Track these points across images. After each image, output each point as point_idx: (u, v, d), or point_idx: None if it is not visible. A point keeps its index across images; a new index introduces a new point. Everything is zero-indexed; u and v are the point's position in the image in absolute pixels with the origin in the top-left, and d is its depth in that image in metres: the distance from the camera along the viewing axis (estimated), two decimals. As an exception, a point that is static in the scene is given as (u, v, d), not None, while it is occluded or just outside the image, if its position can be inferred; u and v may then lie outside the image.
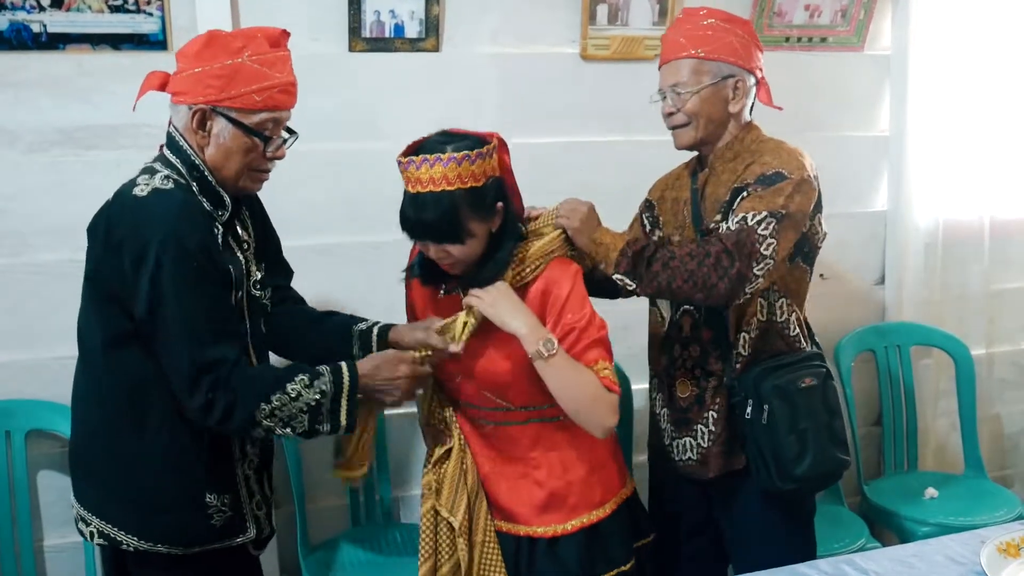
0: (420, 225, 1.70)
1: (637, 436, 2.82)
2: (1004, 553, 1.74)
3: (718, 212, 1.97)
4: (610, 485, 1.91)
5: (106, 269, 1.66)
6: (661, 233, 2.15)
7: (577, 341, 1.76)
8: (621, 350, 2.80)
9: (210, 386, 1.62)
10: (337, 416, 1.70)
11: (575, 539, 1.85)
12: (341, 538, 2.59)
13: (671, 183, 2.18)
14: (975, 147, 3.00)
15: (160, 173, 1.68)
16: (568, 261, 1.85)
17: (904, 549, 1.86)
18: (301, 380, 1.67)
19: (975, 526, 2.06)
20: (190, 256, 1.61)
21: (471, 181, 1.68)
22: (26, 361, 2.36)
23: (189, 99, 1.67)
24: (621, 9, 2.63)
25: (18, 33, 2.22)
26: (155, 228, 1.60)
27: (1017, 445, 3.30)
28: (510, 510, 1.87)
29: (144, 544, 1.74)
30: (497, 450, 1.88)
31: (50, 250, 2.34)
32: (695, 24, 2.00)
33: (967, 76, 2.94)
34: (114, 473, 1.75)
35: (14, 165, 2.30)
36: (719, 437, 2.02)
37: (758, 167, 1.94)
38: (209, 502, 1.75)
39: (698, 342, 2.04)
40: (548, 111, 2.67)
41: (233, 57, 1.65)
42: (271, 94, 1.68)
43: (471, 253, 1.74)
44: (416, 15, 2.47)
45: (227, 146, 1.69)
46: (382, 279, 1.91)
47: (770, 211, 1.85)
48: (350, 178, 2.50)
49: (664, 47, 2.05)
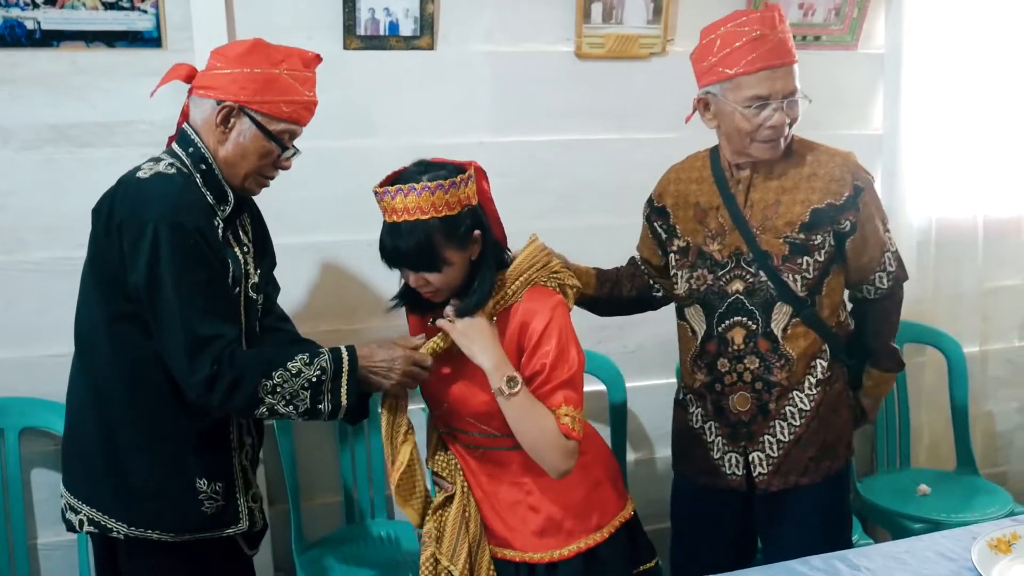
0: (396, 253, 1.72)
1: (630, 434, 2.83)
2: (995, 549, 1.75)
3: (796, 229, 1.94)
4: (607, 508, 1.88)
5: (107, 250, 1.69)
6: (681, 242, 2.08)
7: (546, 381, 1.74)
8: (616, 348, 2.84)
9: (212, 360, 1.63)
10: (338, 395, 1.72)
11: (573, 565, 1.82)
12: (336, 536, 2.60)
13: (684, 187, 2.10)
14: (969, 145, 3.01)
15: (165, 161, 1.73)
16: (549, 292, 1.82)
17: (896, 545, 1.87)
18: (301, 358, 1.70)
19: (967, 523, 2.07)
20: (187, 234, 1.64)
21: (445, 210, 1.69)
22: (20, 359, 2.36)
23: (220, 95, 1.74)
24: (616, 8, 2.64)
25: (12, 30, 2.22)
26: (154, 207, 1.64)
27: (1010, 442, 3.32)
28: (506, 537, 1.85)
29: (135, 531, 1.76)
30: (489, 475, 1.87)
31: (44, 247, 2.34)
32: (787, 26, 1.91)
33: (961, 75, 2.95)
34: (106, 459, 1.77)
35: (8, 162, 2.29)
36: (791, 447, 2.01)
37: (832, 184, 1.95)
38: (199, 487, 1.77)
39: (755, 354, 2.00)
40: (543, 109, 2.67)
41: (273, 67, 1.75)
42: (297, 108, 1.78)
43: (450, 282, 1.74)
44: (411, 13, 2.47)
45: (245, 146, 1.76)
46: (375, 276, 1.91)
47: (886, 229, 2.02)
48: (344, 175, 2.50)
49: (769, 48, 1.87)
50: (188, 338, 1.63)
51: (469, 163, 1.77)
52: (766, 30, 1.87)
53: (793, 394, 2.00)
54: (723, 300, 2.01)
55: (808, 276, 1.96)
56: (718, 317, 2.02)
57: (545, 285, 1.83)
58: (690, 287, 2.06)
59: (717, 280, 2.02)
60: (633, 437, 2.90)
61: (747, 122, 1.90)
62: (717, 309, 2.02)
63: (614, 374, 2.75)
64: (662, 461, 2.97)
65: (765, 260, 1.97)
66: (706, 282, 2.03)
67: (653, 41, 2.69)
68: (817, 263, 1.96)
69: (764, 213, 1.97)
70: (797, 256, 1.96)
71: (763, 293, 1.98)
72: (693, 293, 2.05)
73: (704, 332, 2.05)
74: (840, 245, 1.98)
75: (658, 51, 2.71)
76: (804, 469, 2.02)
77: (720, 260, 2.01)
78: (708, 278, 2.03)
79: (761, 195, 1.98)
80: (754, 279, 1.98)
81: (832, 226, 1.96)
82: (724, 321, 2.02)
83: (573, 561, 1.83)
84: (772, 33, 1.88)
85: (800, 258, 1.96)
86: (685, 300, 2.08)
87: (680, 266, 2.08)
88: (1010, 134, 3.07)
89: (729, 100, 1.91)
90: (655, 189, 2.19)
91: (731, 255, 2.00)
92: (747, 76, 1.88)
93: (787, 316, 1.97)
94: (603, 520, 1.87)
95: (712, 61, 1.92)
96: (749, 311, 1.99)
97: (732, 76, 1.88)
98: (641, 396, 2.86)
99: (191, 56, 2.32)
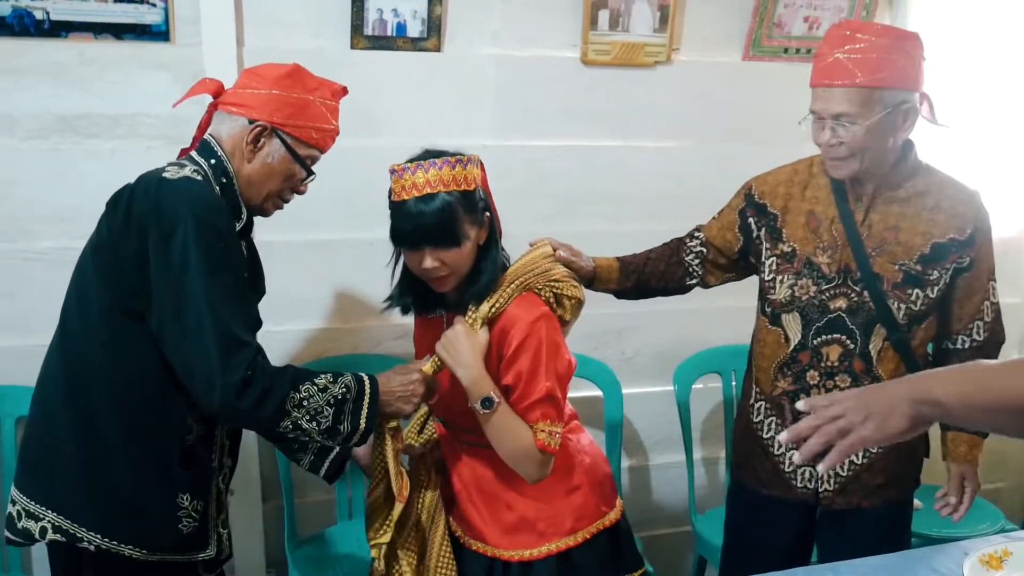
0: (419, 229, 1.70)
1: (626, 441, 2.84)
2: (987, 565, 1.75)
3: (914, 259, 1.93)
4: (585, 513, 1.88)
5: (121, 243, 1.64)
6: (787, 247, 2.03)
7: (521, 397, 1.75)
8: (614, 354, 2.85)
9: (246, 365, 1.59)
10: (358, 417, 1.71)
11: (547, 566, 1.83)
12: (328, 533, 2.60)
13: (797, 191, 2.04)
14: (970, 163, 3.00)
15: (189, 167, 1.71)
16: (537, 301, 1.80)
17: (887, 559, 1.87)
18: (325, 376, 1.69)
19: (958, 538, 2.07)
20: (220, 235, 1.64)
21: (464, 184, 1.71)
22: (18, 347, 2.35)
23: (254, 114, 1.74)
24: (622, 15, 2.65)
25: (20, 19, 2.22)
26: (185, 207, 1.61)
27: (1004, 460, 3.32)
28: (480, 529, 1.88)
29: (108, 543, 1.68)
30: (471, 467, 1.89)
31: (47, 237, 2.34)
32: (865, 43, 1.82)
33: (965, 90, 2.95)
34: (85, 463, 1.69)
35: (13, 151, 2.30)
36: (861, 471, 2.01)
37: (956, 219, 1.94)
38: (180, 503, 1.72)
39: (849, 373, 1.99)
40: (547, 114, 2.68)
41: (308, 93, 1.78)
42: (324, 136, 1.82)
43: (464, 261, 1.74)
44: (419, 14, 2.48)
45: (272, 166, 1.77)
46: (377, 276, 1.92)
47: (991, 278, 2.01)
48: (348, 175, 2.50)
49: (823, 67, 1.86)
50: (222, 339, 1.58)
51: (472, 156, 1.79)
52: (824, 48, 1.88)
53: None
54: (823, 314, 1.99)
55: (914, 308, 1.95)
56: (815, 330, 2.00)
57: (539, 293, 1.82)
58: (792, 294, 2.02)
59: (820, 293, 1.99)
60: (628, 444, 2.91)
61: (813, 133, 1.91)
62: (815, 322, 1.99)
63: (610, 381, 2.76)
64: (657, 468, 2.98)
65: (874, 283, 1.94)
66: (808, 292, 2.00)
67: (659, 50, 2.70)
68: (928, 299, 1.95)
69: (883, 236, 1.95)
70: (909, 286, 1.94)
71: (865, 314, 1.96)
72: (795, 301, 2.02)
73: (798, 341, 2.02)
74: (953, 283, 1.96)
75: (663, 60, 2.72)
76: (869, 493, 2.03)
77: (827, 274, 1.98)
78: (812, 289, 1.99)
79: (881, 217, 1.95)
80: (859, 298, 1.96)
81: (952, 264, 1.94)
82: (821, 335, 1.99)
83: (547, 562, 1.84)
84: (831, 53, 1.85)
85: (911, 289, 1.94)
86: (785, 307, 2.04)
87: (783, 271, 2.04)
88: (1011, 152, 3.07)
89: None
90: (756, 185, 2.11)
91: (839, 271, 1.97)
92: (813, 89, 1.90)
93: (881, 339, 1.96)
94: (579, 525, 1.87)
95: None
96: (850, 330, 1.97)
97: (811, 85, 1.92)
98: (637, 403, 2.86)
99: (198, 51, 2.34)
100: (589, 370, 2.73)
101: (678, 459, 2.86)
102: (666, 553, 2.99)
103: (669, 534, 3.04)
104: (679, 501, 2.96)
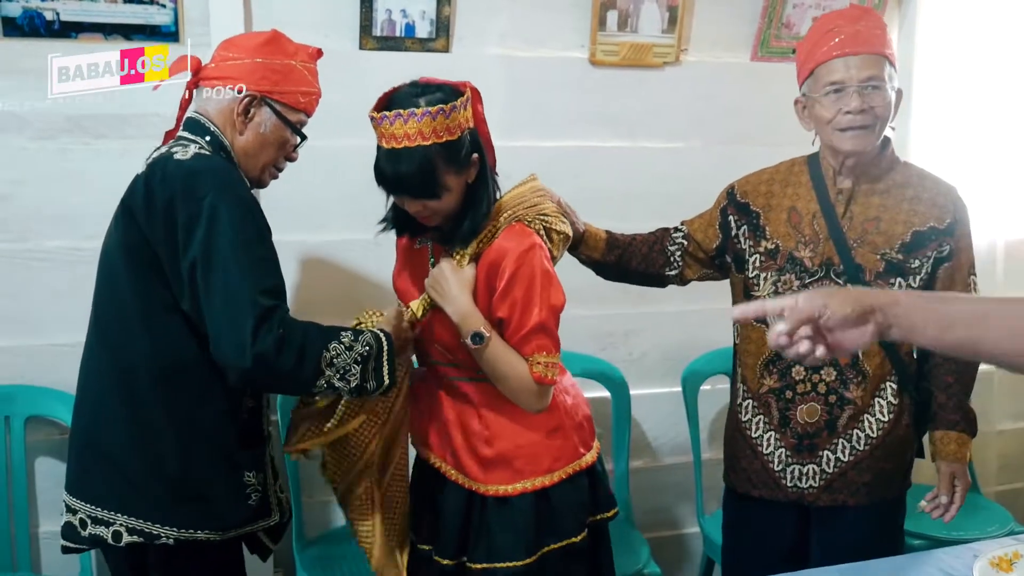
0: (397, 181, 1.70)
1: (633, 442, 2.83)
2: (997, 567, 1.75)
3: (895, 248, 1.94)
4: (563, 454, 1.88)
5: (149, 234, 1.63)
6: (770, 244, 2.05)
7: (516, 329, 1.75)
8: (621, 355, 2.85)
9: (280, 323, 1.58)
10: (380, 372, 1.71)
11: (523, 502, 1.84)
12: (336, 533, 2.60)
13: (779, 189, 2.07)
14: (982, 164, 3.00)
15: (195, 144, 1.71)
16: (527, 232, 1.79)
17: (897, 561, 1.87)
18: (347, 335, 1.68)
19: (967, 540, 2.06)
20: (247, 207, 1.64)
21: (446, 135, 1.68)
22: (27, 347, 2.36)
23: (240, 85, 1.73)
24: (631, 16, 2.65)
25: (31, 20, 2.23)
26: (208, 182, 1.62)
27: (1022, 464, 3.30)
28: (461, 460, 1.87)
29: (184, 533, 1.69)
30: (452, 405, 1.89)
31: (55, 237, 2.35)
32: (878, 23, 1.91)
33: (973, 91, 2.95)
34: (144, 463, 1.69)
35: (22, 151, 2.30)
36: (847, 468, 2.01)
37: (935, 209, 1.94)
38: (247, 481, 1.75)
39: (834, 366, 1.98)
40: (555, 115, 2.68)
41: (289, 58, 1.77)
42: (310, 99, 1.81)
43: (448, 206, 1.74)
44: (427, 15, 2.48)
45: (266, 136, 1.77)
46: (382, 275, 1.92)
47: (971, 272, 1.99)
48: (354, 174, 2.47)
49: (850, 37, 1.89)
50: (253, 303, 1.56)
51: (464, 84, 1.76)
52: (842, 23, 1.92)
53: (864, 417, 1.99)
54: None
55: None
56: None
57: (529, 225, 1.81)
58: (776, 290, 2.03)
59: (804, 287, 1.99)
60: (636, 445, 2.90)
61: (826, 110, 1.91)
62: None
63: (618, 382, 2.75)
64: (664, 469, 2.97)
65: (857, 274, 1.95)
66: (792, 288, 2.01)
67: (667, 50, 2.70)
68: (911, 288, 1.95)
69: (863, 227, 1.96)
70: (891, 276, 1.95)
71: None
72: (778, 297, 2.03)
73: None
74: (934, 272, 1.96)
75: (672, 60, 2.72)
76: (856, 491, 2.02)
77: (810, 268, 1.99)
78: (795, 284, 2.01)
79: (862, 209, 1.97)
80: None
81: (933, 252, 1.95)
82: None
83: (524, 498, 1.84)
84: (849, 26, 1.90)
85: (894, 279, 1.95)
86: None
87: (766, 268, 2.05)
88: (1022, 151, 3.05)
89: (812, 94, 1.94)
90: (738, 185, 2.14)
91: (822, 264, 1.98)
92: (823, 65, 1.91)
93: None
94: (555, 465, 1.87)
95: (801, 61, 1.99)
96: None
97: (813, 69, 1.94)
98: (645, 404, 2.86)
99: (208, 52, 2.33)
100: (596, 371, 2.73)
101: (686, 460, 2.85)
102: (674, 554, 2.98)
103: (676, 535, 3.04)
104: (687, 502, 2.95)
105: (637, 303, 2.75)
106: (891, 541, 2.08)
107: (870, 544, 1.99)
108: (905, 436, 2.03)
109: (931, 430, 2.03)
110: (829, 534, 2.07)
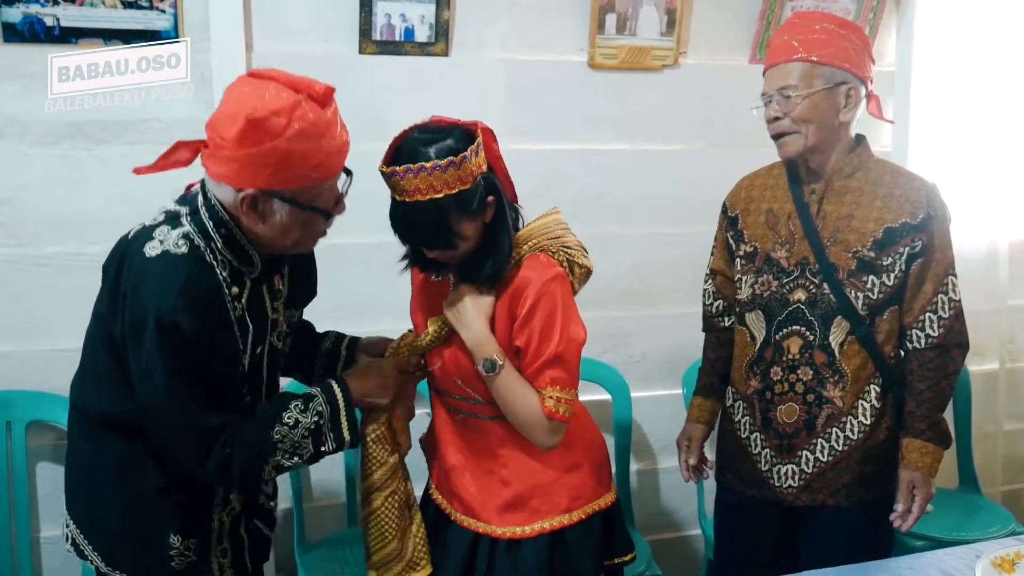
0: (411, 234, 1.69)
1: (634, 444, 2.84)
2: (999, 568, 1.76)
3: (867, 245, 1.93)
4: (581, 493, 1.83)
5: (111, 316, 1.60)
6: (749, 247, 2.08)
7: (532, 359, 1.71)
8: (622, 357, 2.85)
9: (223, 443, 1.56)
10: (340, 433, 1.67)
11: (537, 544, 1.79)
12: (338, 537, 2.60)
13: (757, 193, 2.11)
14: (981, 165, 3.00)
15: (181, 229, 1.56)
16: (551, 262, 1.75)
17: (899, 562, 1.87)
18: (296, 406, 1.63)
19: (968, 541, 2.07)
20: (183, 337, 1.49)
21: (458, 185, 1.62)
22: (29, 352, 2.37)
23: (236, 184, 1.52)
24: (630, 19, 2.65)
25: (31, 26, 2.24)
26: (153, 298, 1.50)
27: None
28: (472, 505, 1.83)
29: (106, 568, 1.68)
30: (467, 442, 1.85)
31: (56, 242, 2.35)
32: (808, 28, 1.93)
33: (972, 94, 2.95)
34: (80, 489, 1.72)
35: (23, 156, 2.31)
36: (826, 468, 2.00)
37: (908, 204, 1.94)
38: (172, 543, 1.66)
39: (810, 365, 1.99)
40: (555, 118, 2.68)
41: (278, 138, 1.46)
42: (325, 164, 1.55)
43: (467, 249, 1.71)
44: (426, 19, 2.49)
45: (285, 224, 1.58)
46: (387, 279, 1.92)
47: (949, 273, 1.96)
48: (356, 178, 2.50)
49: (771, 51, 1.98)
50: (195, 435, 1.55)
51: (474, 123, 1.69)
52: (776, 36, 2.01)
53: (846, 419, 1.99)
54: (784, 308, 2.01)
55: (872, 297, 1.94)
56: (777, 324, 2.02)
57: (553, 256, 1.77)
58: (754, 292, 2.05)
59: (781, 287, 2.01)
60: (637, 447, 2.90)
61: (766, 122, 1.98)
62: (777, 316, 2.02)
63: (619, 384, 2.75)
64: (666, 472, 2.97)
65: (831, 272, 1.96)
66: (770, 288, 2.02)
67: (666, 53, 2.71)
68: (884, 286, 1.95)
69: (836, 225, 1.97)
70: (864, 273, 1.95)
71: (824, 305, 1.97)
72: (756, 299, 2.05)
73: (763, 338, 2.04)
74: (908, 269, 1.95)
75: (670, 63, 2.72)
76: (835, 492, 2.02)
77: (786, 268, 2.01)
78: (773, 284, 2.02)
79: (834, 207, 1.98)
80: (817, 290, 1.97)
81: (904, 248, 1.94)
82: (782, 329, 2.01)
83: (537, 540, 1.79)
84: (777, 38, 1.99)
85: (867, 276, 1.95)
86: (747, 305, 2.08)
87: (746, 271, 2.08)
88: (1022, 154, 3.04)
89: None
90: (728, 199, 2.19)
91: (798, 263, 1.99)
92: (764, 77, 2.00)
93: (844, 332, 1.96)
94: (574, 504, 1.82)
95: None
96: (808, 321, 1.98)
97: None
98: (646, 407, 2.86)
99: (207, 57, 2.34)
100: (598, 373, 2.73)
101: (687, 462, 2.85)
102: (675, 556, 2.98)
103: (678, 537, 3.04)
104: (688, 504, 2.95)
105: (638, 306, 2.75)
106: (877, 543, 2.07)
107: (853, 545, 1.99)
108: (887, 439, 2.02)
109: (901, 436, 2.02)
110: (812, 534, 2.08)
